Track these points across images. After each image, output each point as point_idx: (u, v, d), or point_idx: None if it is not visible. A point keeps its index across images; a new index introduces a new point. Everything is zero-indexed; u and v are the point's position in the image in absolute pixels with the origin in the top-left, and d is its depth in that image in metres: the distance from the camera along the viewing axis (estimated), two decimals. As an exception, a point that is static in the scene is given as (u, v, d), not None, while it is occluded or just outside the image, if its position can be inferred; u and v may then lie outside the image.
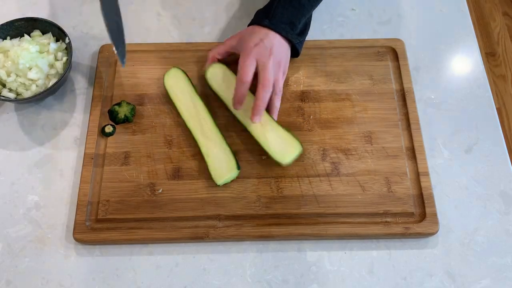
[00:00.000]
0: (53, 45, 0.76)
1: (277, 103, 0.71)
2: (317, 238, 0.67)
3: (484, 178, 0.72)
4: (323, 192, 0.69)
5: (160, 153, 0.72)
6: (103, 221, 0.68)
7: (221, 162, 0.68)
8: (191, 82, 0.75)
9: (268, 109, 0.71)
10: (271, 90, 0.69)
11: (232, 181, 0.70)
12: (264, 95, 0.68)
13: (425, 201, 0.68)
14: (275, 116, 0.72)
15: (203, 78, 0.78)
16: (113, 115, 0.74)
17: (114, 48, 0.67)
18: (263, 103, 0.68)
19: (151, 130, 0.74)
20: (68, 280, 0.65)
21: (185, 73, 0.76)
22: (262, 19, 0.73)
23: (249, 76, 0.68)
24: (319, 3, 0.77)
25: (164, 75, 0.76)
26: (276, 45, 0.70)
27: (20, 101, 0.73)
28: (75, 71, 0.81)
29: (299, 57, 0.78)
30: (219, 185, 0.68)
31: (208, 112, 0.73)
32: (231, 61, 0.75)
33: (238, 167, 0.68)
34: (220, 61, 0.76)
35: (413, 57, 0.81)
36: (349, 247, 0.67)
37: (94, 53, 0.82)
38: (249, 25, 0.75)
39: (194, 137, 0.71)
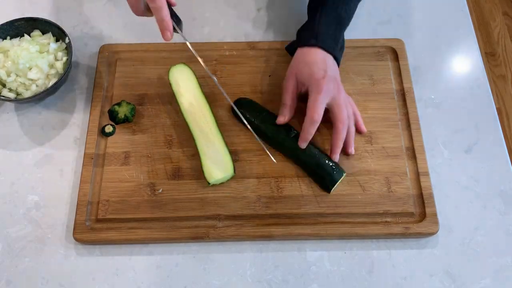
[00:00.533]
0: (53, 45, 0.76)
1: (353, 130, 0.71)
2: (317, 238, 0.67)
3: (484, 178, 0.72)
4: (323, 192, 0.69)
5: (160, 153, 0.72)
6: (103, 221, 0.68)
7: (216, 162, 0.68)
8: (197, 80, 0.75)
9: (347, 141, 0.70)
10: (347, 125, 0.68)
11: (229, 181, 0.70)
12: (342, 131, 0.68)
13: (425, 201, 0.68)
14: (353, 147, 0.71)
15: (204, 77, 0.78)
16: (113, 115, 0.74)
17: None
18: (342, 143, 0.69)
19: (151, 130, 0.74)
20: (68, 280, 0.65)
21: (192, 70, 0.76)
22: (308, 39, 0.70)
23: (320, 116, 0.66)
24: (353, 14, 0.76)
25: (170, 68, 0.76)
26: (335, 71, 0.69)
27: (20, 101, 0.73)
28: (75, 71, 0.81)
29: None
30: (209, 184, 0.68)
31: (210, 111, 0.73)
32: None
33: (234, 170, 0.68)
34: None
35: (413, 57, 0.81)
36: (349, 247, 0.67)
37: (94, 53, 0.82)
38: (291, 48, 0.74)
39: (192, 134, 0.71)
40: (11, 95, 0.73)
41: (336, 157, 0.69)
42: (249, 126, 0.69)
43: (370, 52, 0.81)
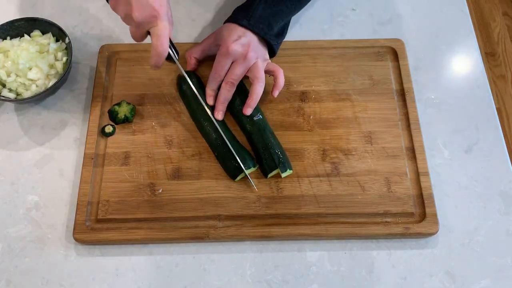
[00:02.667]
0: (53, 45, 0.76)
1: (259, 89, 0.71)
2: (317, 238, 0.67)
3: (484, 178, 0.72)
4: (323, 192, 0.69)
5: (160, 153, 0.72)
6: (103, 221, 0.68)
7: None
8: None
9: (249, 97, 0.72)
10: (233, 89, 0.72)
11: (229, 181, 0.70)
12: (226, 94, 0.71)
13: (425, 201, 0.68)
14: (250, 105, 0.71)
15: (203, 78, 0.78)
16: (113, 115, 0.74)
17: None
18: (257, 96, 0.71)
19: (151, 130, 0.74)
20: (68, 280, 0.65)
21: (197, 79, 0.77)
22: (240, 18, 0.73)
23: (222, 75, 0.71)
24: (298, 10, 0.79)
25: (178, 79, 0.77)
26: (253, 43, 0.71)
27: (20, 101, 0.73)
28: (75, 71, 0.81)
29: (289, 57, 0.79)
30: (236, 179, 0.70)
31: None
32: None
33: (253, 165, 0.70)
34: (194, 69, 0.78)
35: (413, 57, 0.81)
36: (349, 247, 0.67)
37: (94, 53, 0.82)
38: (225, 22, 0.75)
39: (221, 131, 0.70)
40: (11, 95, 0.73)
41: (248, 111, 0.71)
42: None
43: (370, 52, 0.81)
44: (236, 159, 0.68)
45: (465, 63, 0.83)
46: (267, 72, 0.73)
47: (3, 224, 0.68)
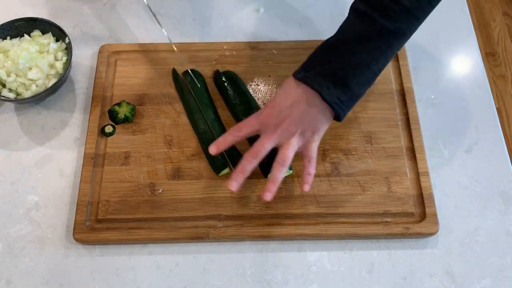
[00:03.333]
0: (53, 45, 0.76)
1: (276, 175, 0.60)
2: (317, 238, 0.67)
3: (484, 178, 0.72)
4: (323, 192, 0.69)
5: (160, 153, 0.72)
6: (103, 221, 0.68)
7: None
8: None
9: (302, 178, 0.62)
10: (256, 161, 0.60)
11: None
12: (245, 164, 0.60)
13: (425, 201, 0.68)
14: (269, 190, 0.60)
15: (205, 79, 0.78)
16: (113, 115, 0.74)
17: None
18: (276, 183, 0.60)
19: (151, 130, 0.74)
20: (68, 280, 0.65)
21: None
22: (298, 71, 0.60)
23: (240, 134, 0.62)
24: (383, 65, 0.60)
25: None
26: (299, 112, 0.59)
27: (20, 101, 0.73)
28: (75, 71, 0.81)
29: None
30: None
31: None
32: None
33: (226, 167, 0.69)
34: None
35: (413, 57, 0.81)
36: (349, 247, 0.67)
37: (94, 53, 0.82)
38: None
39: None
40: (11, 95, 0.73)
41: (233, 185, 0.60)
42: None
43: (370, 52, 0.81)
44: (223, 155, 0.68)
45: (465, 63, 0.83)
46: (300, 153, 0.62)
47: (3, 224, 0.68)
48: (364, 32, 0.58)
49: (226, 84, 0.75)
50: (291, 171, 0.70)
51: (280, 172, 0.60)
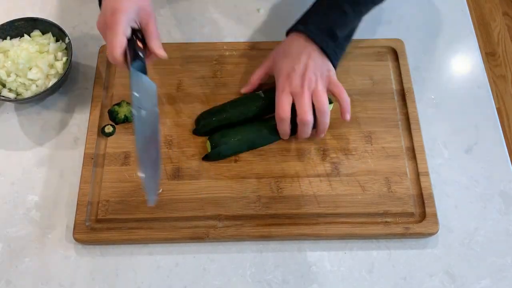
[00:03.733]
0: (53, 45, 0.76)
1: (323, 121, 0.68)
2: (317, 238, 0.67)
3: (484, 178, 0.72)
4: (323, 192, 0.69)
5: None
6: (103, 221, 0.68)
7: None
8: None
9: (342, 107, 0.69)
10: (311, 122, 0.67)
11: (230, 181, 0.70)
12: (304, 130, 0.68)
13: (425, 201, 0.68)
14: (349, 114, 0.69)
15: (203, 78, 0.78)
16: (113, 115, 0.74)
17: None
18: (306, 135, 0.69)
19: (151, 130, 0.74)
20: (68, 280, 0.65)
21: None
22: (298, 24, 0.69)
23: (287, 112, 0.66)
24: (363, 14, 0.72)
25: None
26: (309, 64, 0.67)
27: (20, 101, 0.73)
28: (75, 71, 0.81)
29: None
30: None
31: None
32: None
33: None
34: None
35: (413, 57, 0.81)
36: (349, 247, 0.67)
37: (94, 53, 0.82)
38: (288, 31, 0.71)
39: None
40: (11, 95, 0.73)
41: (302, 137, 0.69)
42: None
43: (370, 52, 0.81)
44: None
45: (465, 63, 0.83)
46: (329, 92, 0.69)
47: (3, 224, 0.68)
48: None
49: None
50: (332, 104, 0.72)
51: (324, 117, 0.67)
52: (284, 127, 0.69)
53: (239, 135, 0.71)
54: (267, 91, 0.73)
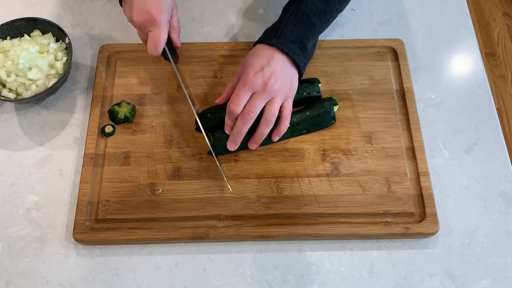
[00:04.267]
0: (53, 45, 0.76)
1: (263, 129, 0.68)
2: (317, 238, 0.67)
3: (484, 178, 0.72)
4: (323, 192, 0.69)
5: (160, 153, 0.72)
6: (103, 221, 0.68)
7: None
8: None
9: (277, 130, 0.70)
10: (250, 122, 0.66)
11: (229, 181, 0.70)
12: (240, 127, 0.67)
13: (425, 201, 0.68)
14: (256, 142, 0.69)
15: (203, 78, 0.78)
16: (113, 115, 0.74)
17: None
18: (262, 137, 0.69)
19: (151, 130, 0.74)
20: (68, 280, 0.65)
21: None
22: (270, 37, 0.69)
23: (239, 108, 0.66)
24: (329, 23, 0.75)
25: None
26: (278, 72, 0.67)
27: (20, 101, 0.73)
28: (75, 71, 0.81)
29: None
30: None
31: None
32: None
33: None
34: None
35: (413, 57, 0.81)
36: (349, 247, 0.67)
37: (94, 53, 0.82)
38: (255, 43, 0.72)
39: None
40: (11, 95, 0.73)
41: (230, 146, 0.69)
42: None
43: (370, 52, 0.81)
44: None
45: (465, 63, 0.83)
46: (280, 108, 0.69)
47: (3, 224, 0.68)
48: (322, 8, 0.71)
49: None
50: (337, 106, 0.73)
51: (267, 127, 0.68)
52: (230, 122, 0.68)
53: None
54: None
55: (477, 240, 0.67)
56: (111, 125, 0.74)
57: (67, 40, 0.77)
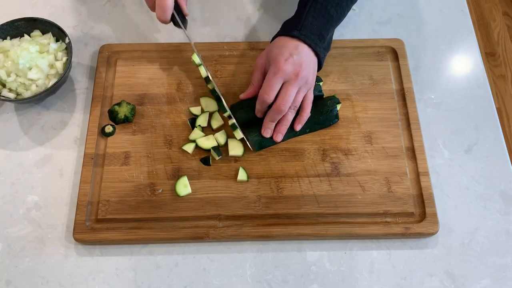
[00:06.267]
0: (53, 45, 0.76)
1: (289, 117, 0.71)
2: (317, 238, 0.67)
3: (484, 178, 0.72)
4: (323, 192, 0.69)
5: (160, 153, 0.72)
6: (103, 221, 0.68)
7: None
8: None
9: (276, 127, 0.71)
10: (284, 113, 0.69)
11: (229, 181, 0.70)
12: (274, 116, 0.69)
13: (425, 201, 0.68)
14: (281, 131, 0.71)
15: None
16: (113, 115, 0.74)
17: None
18: (270, 123, 0.70)
19: (151, 130, 0.74)
20: (68, 280, 0.65)
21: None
22: (291, 29, 0.70)
23: (271, 97, 0.68)
24: (345, 16, 0.75)
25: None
26: (305, 61, 0.68)
27: (20, 101, 0.73)
28: (75, 71, 0.81)
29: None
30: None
31: None
32: None
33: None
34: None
35: (413, 57, 0.81)
36: (349, 247, 0.67)
37: (94, 53, 0.82)
38: (275, 36, 0.73)
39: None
40: (11, 95, 0.73)
41: (266, 132, 0.71)
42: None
43: (370, 52, 0.81)
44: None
45: (465, 63, 0.83)
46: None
47: (3, 224, 0.68)
48: (338, 0, 0.72)
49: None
50: (340, 104, 0.74)
51: (292, 115, 0.71)
52: (262, 109, 0.70)
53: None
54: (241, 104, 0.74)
55: (477, 240, 0.67)
56: (111, 125, 0.74)
57: (67, 40, 0.77)
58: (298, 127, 0.72)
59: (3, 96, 0.73)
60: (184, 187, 0.69)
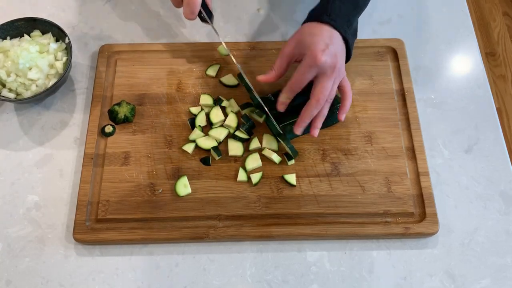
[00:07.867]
0: (53, 45, 0.76)
1: (325, 111, 0.69)
2: (317, 238, 0.67)
3: (484, 178, 0.72)
4: (323, 192, 0.69)
5: (160, 153, 0.72)
6: (103, 221, 0.68)
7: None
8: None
9: (313, 121, 0.69)
10: (320, 107, 0.66)
11: (229, 181, 0.70)
12: (312, 111, 0.66)
13: (425, 201, 0.68)
14: (317, 126, 0.69)
15: (203, 78, 0.78)
16: (113, 115, 0.74)
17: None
18: (309, 119, 0.67)
19: (151, 130, 0.74)
20: (68, 280, 0.65)
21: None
22: (320, 15, 0.67)
23: (300, 87, 0.66)
24: (367, 4, 0.74)
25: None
26: (340, 51, 0.66)
27: (20, 101, 0.73)
28: (75, 71, 0.81)
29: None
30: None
31: None
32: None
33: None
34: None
35: (413, 57, 0.81)
36: (349, 247, 0.67)
37: (94, 53, 0.82)
38: (303, 23, 0.69)
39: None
40: (11, 95, 0.73)
41: (298, 130, 0.68)
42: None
43: (370, 52, 0.81)
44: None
45: (465, 63, 0.83)
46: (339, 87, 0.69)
47: (3, 224, 0.68)
48: None
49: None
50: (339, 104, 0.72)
51: (328, 108, 0.69)
52: (287, 99, 0.68)
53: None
54: (277, 94, 0.72)
55: (477, 240, 0.67)
56: (111, 125, 0.74)
57: (67, 40, 0.77)
58: (342, 117, 0.70)
59: (3, 96, 0.73)
60: (184, 187, 0.69)
